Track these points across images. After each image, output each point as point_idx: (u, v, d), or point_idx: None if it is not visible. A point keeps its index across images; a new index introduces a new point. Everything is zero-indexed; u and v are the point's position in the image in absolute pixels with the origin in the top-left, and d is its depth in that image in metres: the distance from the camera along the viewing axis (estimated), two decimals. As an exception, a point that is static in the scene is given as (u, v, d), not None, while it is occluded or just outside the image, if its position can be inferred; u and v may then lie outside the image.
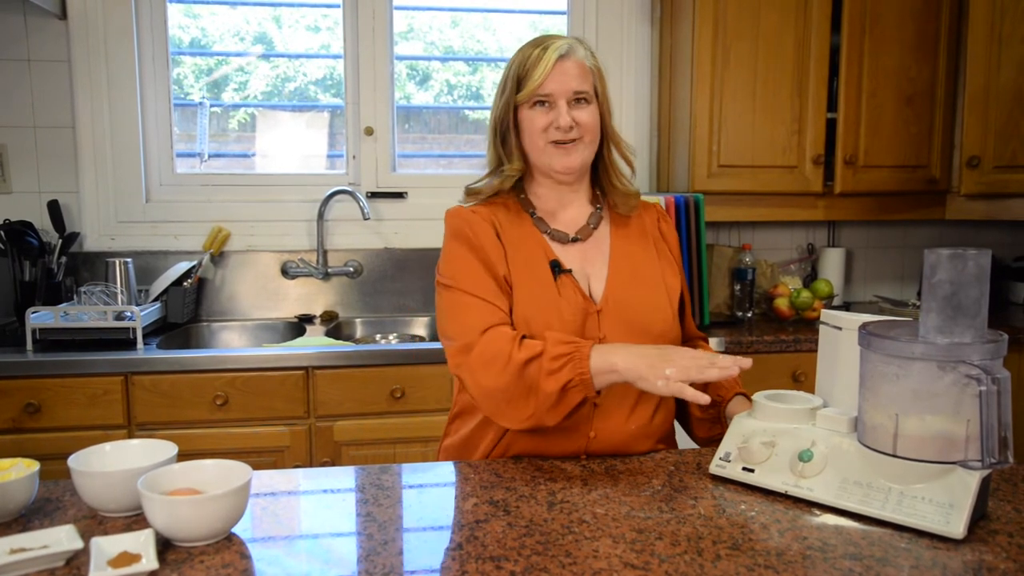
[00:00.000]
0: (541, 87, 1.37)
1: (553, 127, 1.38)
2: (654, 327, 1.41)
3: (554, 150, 1.39)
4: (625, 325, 1.39)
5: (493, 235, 1.40)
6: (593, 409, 1.37)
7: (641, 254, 1.48)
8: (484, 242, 1.39)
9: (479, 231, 1.40)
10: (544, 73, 1.36)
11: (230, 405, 2.29)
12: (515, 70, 1.40)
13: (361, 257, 2.99)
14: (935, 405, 1.07)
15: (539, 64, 1.36)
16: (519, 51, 1.42)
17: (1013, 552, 1.01)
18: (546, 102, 1.38)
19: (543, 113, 1.38)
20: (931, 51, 2.82)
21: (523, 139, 1.42)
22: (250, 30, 3.00)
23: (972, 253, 1.07)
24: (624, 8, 3.07)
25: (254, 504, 1.18)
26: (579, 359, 1.23)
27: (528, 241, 1.42)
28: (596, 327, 1.39)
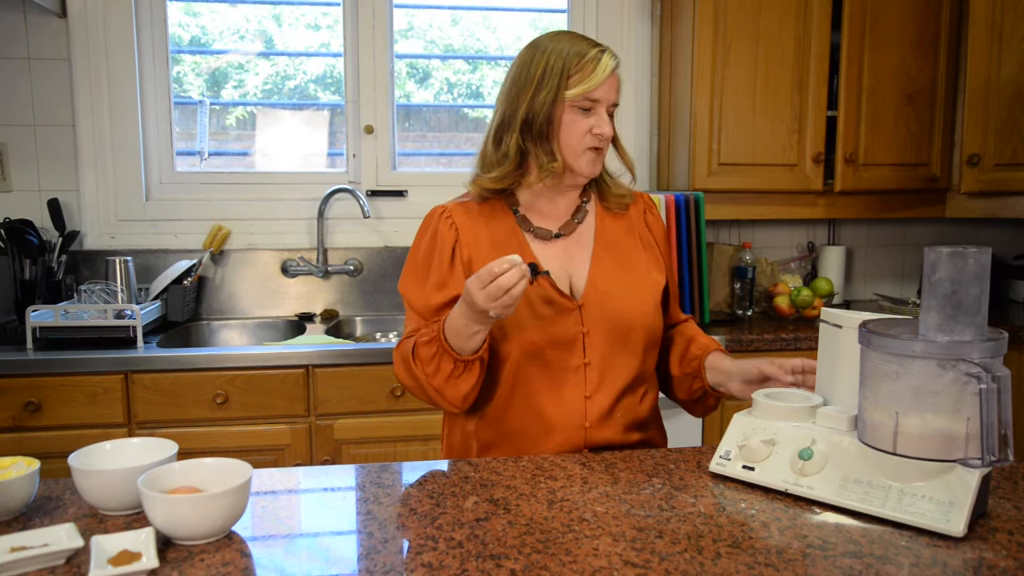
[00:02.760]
0: (595, 91, 1.35)
1: (593, 132, 1.37)
2: (635, 319, 1.42)
3: (590, 157, 1.40)
4: (606, 318, 1.40)
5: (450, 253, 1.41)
6: (586, 401, 1.40)
7: (625, 245, 1.49)
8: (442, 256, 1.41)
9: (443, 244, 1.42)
10: (601, 79, 1.35)
11: (230, 404, 2.29)
12: (563, 64, 1.35)
13: (361, 255, 2.99)
14: (935, 403, 1.07)
15: (597, 68, 1.35)
16: (556, 45, 1.37)
17: (1013, 550, 1.01)
18: (591, 108, 1.37)
19: (585, 116, 1.37)
20: (931, 49, 2.82)
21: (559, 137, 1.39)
22: (250, 28, 3.00)
23: (972, 251, 1.07)
24: (624, 6, 3.06)
25: (254, 502, 1.18)
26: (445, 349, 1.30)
27: (507, 241, 1.42)
28: (579, 322, 1.40)
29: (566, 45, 1.37)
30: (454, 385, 1.32)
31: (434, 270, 1.41)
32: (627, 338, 1.41)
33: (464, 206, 1.46)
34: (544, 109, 1.36)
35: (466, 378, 1.32)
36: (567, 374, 1.39)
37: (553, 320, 1.38)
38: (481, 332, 1.28)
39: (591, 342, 1.40)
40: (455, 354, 1.30)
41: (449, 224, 1.42)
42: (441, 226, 1.42)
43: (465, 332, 1.27)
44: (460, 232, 1.42)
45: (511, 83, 1.41)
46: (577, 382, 1.40)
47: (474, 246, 1.41)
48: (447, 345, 1.29)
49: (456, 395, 1.34)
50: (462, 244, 1.41)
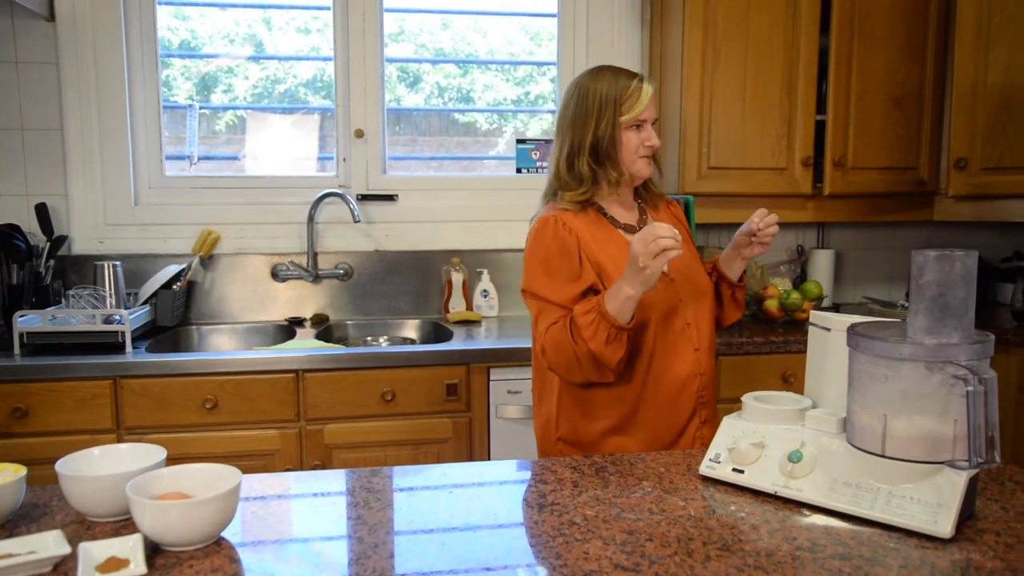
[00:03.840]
0: (642, 114, 1.67)
1: (644, 144, 1.68)
2: (706, 287, 1.76)
3: (643, 162, 1.70)
4: (690, 288, 1.71)
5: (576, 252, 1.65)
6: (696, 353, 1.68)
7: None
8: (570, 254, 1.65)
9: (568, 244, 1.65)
10: (645, 103, 1.66)
11: (220, 408, 2.28)
12: (613, 96, 1.66)
13: (351, 259, 2.98)
14: (923, 405, 1.08)
15: (640, 94, 1.66)
16: (604, 81, 1.68)
17: (1000, 551, 1.01)
18: (640, 126, 1.68)
19: (636, 132, 1.68)
20: (919, 53, 2.84)
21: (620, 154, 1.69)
22: (240, 32, 2.99)
23: (959, 254, 1.08)
24: (614, 10, 3.07)
25: (244, 508, 1.17)
26: (603, 313, 1.51)
27: (609, 238, 1.70)
28: (675, 294, 1.68)
29: (611, 80, 1.68)
30: (612, 349, 1.52)
31: (565, 268, 1.64)
32: (704, 302, 1.73)
33: (567, 214, 1.69)
34: (607, 134, 1.67)
35: (617, 346, 1.53)
36: (679, 335, 1.67)
37: (662, 293, 1.66)
38: (632, 300, 1.50)
39: (684, 308, 1.68)
40: (611, 320, 1.50)
41: (568, 230, 1.66)
42: (562, 232, 1.66)
43: (620, 295, 1.50)
44: (578, 235, 1.66)
45: (572, 117, 1.70)
46: (687, 339, 1.67)
47: (588, 244, 1.66)
48: (605, 310, 1.51)
49: (613, 358, 1.53)
50: (582, 244, 1.65)
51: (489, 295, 3.01)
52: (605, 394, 1.64)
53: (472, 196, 3.08)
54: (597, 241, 1.68)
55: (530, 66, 3.20)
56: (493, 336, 2.64)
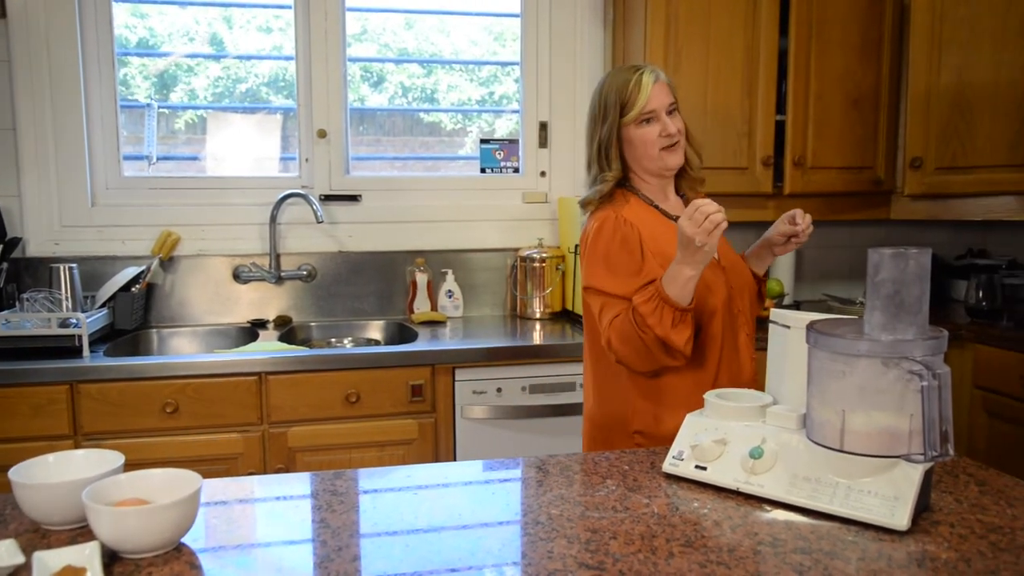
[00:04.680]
0: (647, 106, 1.68)
1: (663, 135, 1.69)
2: (750, 276, 1.81)
3: (666, 153, 1.71)
4: (738, 277, 1.76)
5: (639, 247, 1.66)
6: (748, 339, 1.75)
7: None
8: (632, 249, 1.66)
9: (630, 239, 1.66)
10: (647, 95, 1.68)
11: (181, 413, 2.25)
12: (615, 98, 1.70)
13: (315, 261, 2.96)
14: (880, 401, 1.10)
15: (640, 89, 1.68)
16: (610, 81, 1.72)
17: (954, 542, 1.04)
18: (651, 118, 1.69)
19: (651, 127, 1.69)
20: (875, 55, 2.89)
21: (637, 150, 1.72)
22: (200, 30, 2.95)
23: (913, 252, 1.10)
24: (577, 11, 3.09)
25: (205, 513, 1.16)
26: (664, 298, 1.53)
27: (662, 228, 1.71)
28: (727, 282, 1.72)
29: (613, 81, 1.72)
30: (678, 331, 1.54)
31: (628, 262, 1.65)
32: (747, 291, 1.77)
33: (625, 210, 1.71)
34: (612, 135, 1.71)
35: (683, 327, 1.54)
36: (737, 320, 1.73)
37: (720, 280, 1.70)
38: (693, 279, 1.52)
39: (737, 296, 1.73)
40: (674, 304, 1.52)
41: (631, 226, 1.67)
42: (624, 227, 1.67)
43: (679, 277, 1.52)
44: (640, 230, 1.67)
45: (589, 115, 1.78)
46: (742, 324, 1.74)
47: (648, 238, 1.68)
48: (666, 296, 1.53)
49: (680, 339, 1.54)
50: (644, 238, 1.67)
51: (454, 295, 3.00)
52: (682, 382, 1.65)
53: (436, 196, 3.07)
54: (657, 233, 1.70)
55: (494, 66, 3.20)
56: (458, 336, 2.64)
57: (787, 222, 1.74)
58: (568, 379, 2.48)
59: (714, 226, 1.44)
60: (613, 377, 1.73)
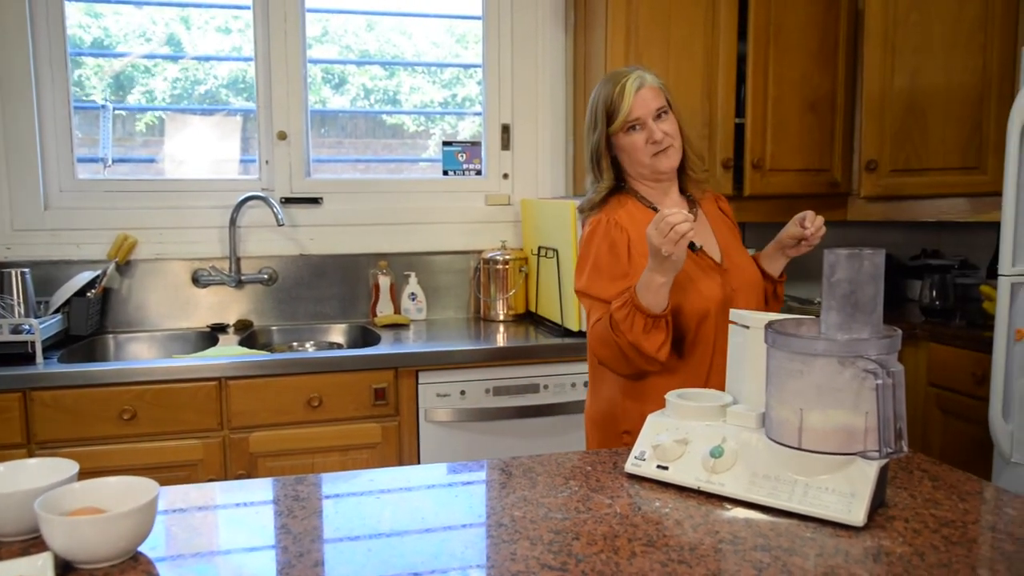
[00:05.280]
0: (630, 115, 1.70)
1: (650, 142, 1.71)
2: (758, 278, 1.81)
3: (657, 158, 1.72)
4: (742, 279, 1.75)
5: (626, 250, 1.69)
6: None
7: (725, 225, 1.87)
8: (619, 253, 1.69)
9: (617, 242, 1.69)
10: (629, 104, 1.69)
11: (138, 419, 2.21)
12: (602, 108, 1.73)
13: (276, 264, 2.93)
14: (836, 399, 1.12)
15: (624, 97, 1.69)
16: (599, 91, 1.75)
17: (909, 536, 1.06)
18: (637, 125, 1.70)
19: (638, 134, 1.71)
20: (831, 60, 2.94)
21: (628, 156, 1.75)
22: (157, 31, 2.90)
23: (868, 253, 1.12)
24: (538, 14, 3.10)
25: (163, 521, 1.14)
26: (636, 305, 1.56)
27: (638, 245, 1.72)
28: (728, 284, 1.72)
29: (605, 89, 1.73)
30: (650, 337, 1.56)
31: (614, 266, 1.68)
32: (754, 292, 1.77)
33: (617, 213, 1.74)
34: (600, 144, 1.75)
35: (656, 334, 1.57)
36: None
37: (715, 282, 1.70)
38: (665, 286, 1.54)
39: (737, 299, 1.71)
40: (645, 311, 1.54)
41: (620, 230, 1.70)
42: (613, 232, 1.70)
43: (651, 284, 1.54)
44: (630, 234, 1.70)
45: (585, 128, 1.80)
46: None
47: (638, 240, 1.69)
48: (638, 303, 1.55)
49: (652, 345, 1.57)
50: (633, 242, 1.69)
51: (417, 298, 2.99)
52: (670, 383, 1.64)
53: (399, 199, 3.06)
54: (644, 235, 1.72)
55: (456, 68, 3.19)
56: (422, 339, 2.63)
57: (797, 224, 1.74)
58: (532, 381, 2.49)
59: (679, 236, 1.46)
60: (604, 377, 1.77)
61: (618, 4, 2.71)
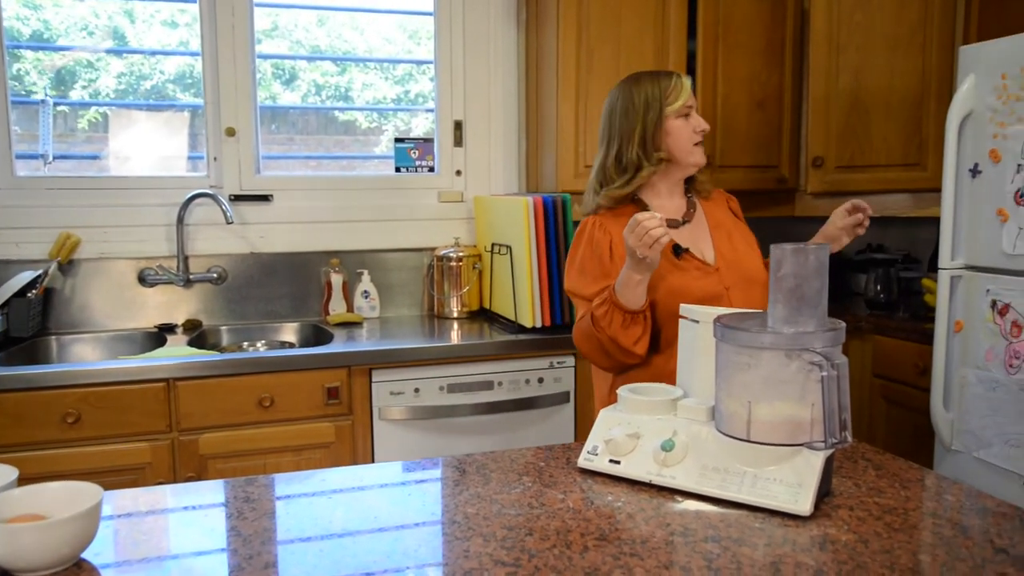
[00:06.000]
0: (687, 101, 1.79)
1: (696, 131, 1.80)
2: (756, 275, 1.81)
3: (697, 148, 1.81)
4: (739, 276, 1.78)
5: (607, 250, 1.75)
6: None
7: (728, 224, 1.91)
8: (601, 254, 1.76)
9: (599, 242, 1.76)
10: (688, 93, 1.80)
11: (83, 422, 2.15)
12: (657, 93, 1.78)
13: (225, 262, 2.88)
14: (783, 391, 1.14)
15: (681, 86, 1.79)
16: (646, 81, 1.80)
17: (853, 524, 1.08)
18: (688, 113, 1.80)
19: (686, 120, 1.79)
20: (778, 58, 3.00)
21: (674, 141, 1.79)
22: (99, 24, 2.83)
23: (812, 248, 1.14)
24: (490, 11, 3.09)
25: (109, 526, 1.11)
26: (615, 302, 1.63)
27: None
28: (719, 282, 1.75)
29: (652, 80, 1.80)
30: (625, 333, 1.63)
31: (596, 266, 1.76)
32: (753, 288, 1.79)
33: (609, 214, 1.81)
34: (654, 124, 1.78)
35: (634, 328, 1.64)
36: None
37: (700, 281, 1.75)
38: (642, 283, 1.61)
39: (732, 296, 1.75)
40: (623, 307, 1.62)
41: (604, 231, 1.77)
42: (596, 232, 1.78)
43: (629, 282, 1.60)
44: (612, 235, 1.76)
45: (620, 115, 1.81)
46: None
47: (620, 241, 1.73)
48: (616, 300, 1.63)
49: (629, 339, 1.64)
50: (615, 243, 1.75)
51: (370, 296, 2.97)
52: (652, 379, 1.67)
53: (351, 196, 3.03)
54: None
55: (409, 64, 3.17)
56: (375, 337, 2.61)
57: (846, 212, 1.77)
58: (486, 378, 2.49)
59: (653, 240, 1.52)
60: (595, 372, 1.88)
61: (569, 1, 2.73)
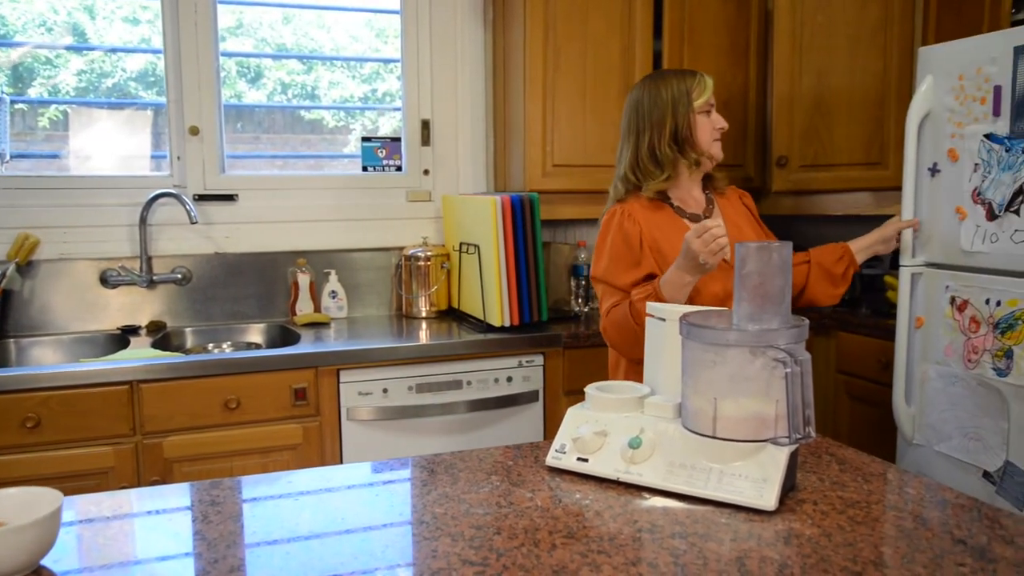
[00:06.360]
0: (709, 99, 1.92)
1: (716, 127, 1.93)
2: None
3: (717, 145, 1.94)
4: None
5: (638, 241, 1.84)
6: None
7: (744, 220, 2.01)
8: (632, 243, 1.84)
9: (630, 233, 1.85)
10: (711, 90, 1.92)
11: (43, 427, 2.11)
12: (685, 91, 1.90)
13: (190, 263, 2.84)
14: (748, 388, 1.15)
15: (704, 84, 1.91)
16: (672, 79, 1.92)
17: (817, 519, 1.10)
18: (709, 110, 1.92)
19: (707, 117, 1.92)
20: (743, 59, 3.03)
21: (697, 136, 1.91)
22: (58, 20, 2.78)
23: (776, 245, 1.16)
24: (457, 9, 3.09)
25: (69, 532, 1.09)
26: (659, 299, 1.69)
27: (671, 226, 1.89)
28: (729, 277, 1.80)
29: (677, 78, 1.92)
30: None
31: (628, 255, 1.83)
32: None
33: (635, 204, 1.89)
34: (685, 120, 1.89)
35: None
36: None
37: (718, 277, 1.82)
38: (690, 285, 1.70)
39: None
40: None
41: (633, 220, 1.86)
42: (626, 222, 1.86)
43: (679, 283, 1.70)
44: (642, 225, 1.84)
45: (647, 114, 1.91)
46: None
47: (650, 233, 1.85)
48: (661, 296, 1.69)
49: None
50: (644, 233, 1.84)
51: (338, 296, 2.95)
52: None
53: (318, 195, 3.01)
54: (661, 229, 1.87)
55: (376, 63, 3.16)
56: (343, 337, 2.59)
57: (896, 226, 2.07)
58: (455, 377, 2.49)
59: (720, 248, 1.62)
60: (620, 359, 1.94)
61: (536, 0, 2.73)
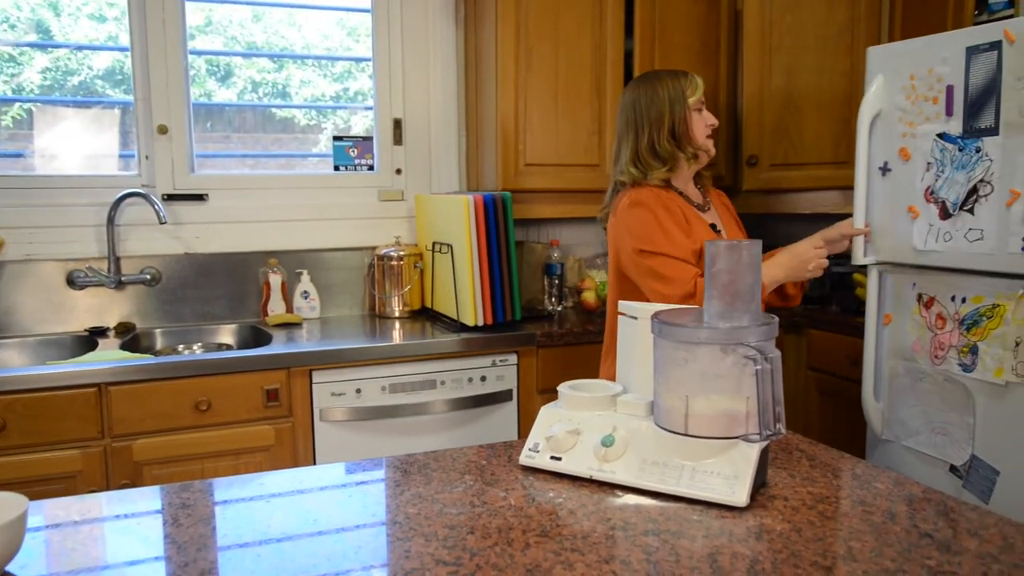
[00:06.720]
0: (701, 98, 2.03)
1: (707, 124, 2.05)
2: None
3: (710, 141, 2.06)
4: None
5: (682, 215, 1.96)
6: None
7: (727, 216, 2.16)
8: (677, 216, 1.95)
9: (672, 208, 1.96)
10: (702, 89, 2.04)
11: (9, 431, 2.07)
12: (681, 90, 2.02)
13: (159, 263, 2.81)
14: (719, 385, 1.16)
15: (696, 83, 2.04)
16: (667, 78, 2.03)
17: (788, 514, 1.11)
18: (701, 108, 2.04)
19: (699, 115, 2.03)
20: (713, 58, 3.05)
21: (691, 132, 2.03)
22: (22, 16, 2.73)
23: (745, 244, 1.17)
24: (428, 8, 3.08)
25: (35, 538, 1.07)
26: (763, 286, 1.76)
27: (688, 213, 1.99)
28: None
29: (672, 77, 2.04)
30: None
31: (677, 226, 1.93)
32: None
33: (656, 189, 1.99)
34: (681, 116, 2.01)
35: None
36: None
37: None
38: (777, 283, 1.96)
39: None
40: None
41: (664, 197, 1.97)
42: (665, 198, 1.97)
43: (769, 278, 1.91)
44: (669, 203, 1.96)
45: (645, 106, 2.02)
46: None
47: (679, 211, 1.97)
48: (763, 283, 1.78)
49: None
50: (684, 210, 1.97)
51: (310, 296, 2.93)
52: None
53: (289, 195, 2.99)
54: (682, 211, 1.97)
55: (348, 62, 3.14)
56: (316, 338, 2.58)
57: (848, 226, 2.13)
58: (428, 377, 2.48)
59: (826, 265, 1.93)
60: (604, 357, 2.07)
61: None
